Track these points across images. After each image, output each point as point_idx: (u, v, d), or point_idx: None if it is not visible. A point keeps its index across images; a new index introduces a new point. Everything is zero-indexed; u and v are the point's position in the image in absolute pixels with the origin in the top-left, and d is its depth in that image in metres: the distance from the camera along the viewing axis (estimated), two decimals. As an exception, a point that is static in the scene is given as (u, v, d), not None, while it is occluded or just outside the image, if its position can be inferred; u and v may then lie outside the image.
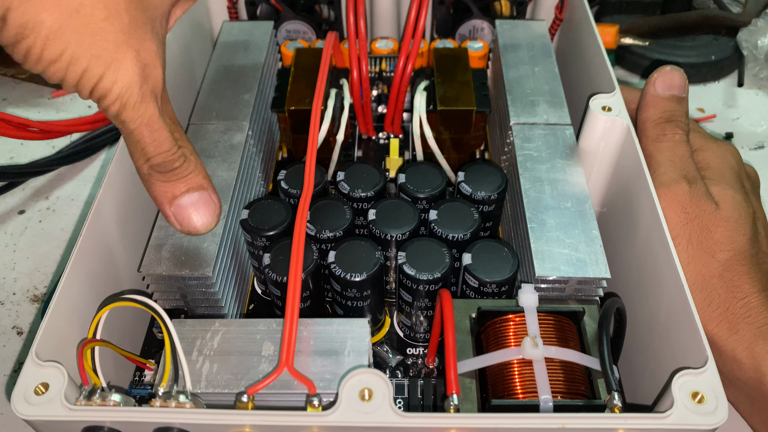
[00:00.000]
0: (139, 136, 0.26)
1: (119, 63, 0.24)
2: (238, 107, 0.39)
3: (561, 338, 0.29)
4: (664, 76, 0.37)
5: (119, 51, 0.24)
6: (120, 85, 0.25)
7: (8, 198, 0.50)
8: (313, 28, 0.50)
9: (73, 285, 0.30)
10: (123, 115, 0.25)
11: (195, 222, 0.28)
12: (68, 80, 0.24)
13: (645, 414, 0.25)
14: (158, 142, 0.26)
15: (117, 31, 0.24)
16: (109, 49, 0.24)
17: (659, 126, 0.36)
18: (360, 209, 0.36)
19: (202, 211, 0.28)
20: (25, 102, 0.58)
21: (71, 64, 0.24)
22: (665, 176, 0.34)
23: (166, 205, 0.28)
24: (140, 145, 0.26)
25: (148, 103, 0.25)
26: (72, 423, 0.25)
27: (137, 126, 0.26)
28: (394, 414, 0.24)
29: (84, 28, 0.23)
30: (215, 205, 0.29)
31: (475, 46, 0.47)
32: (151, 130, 0.26)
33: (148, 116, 0.26)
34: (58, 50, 0.23)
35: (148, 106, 0.25)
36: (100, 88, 0.24)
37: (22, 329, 0.42)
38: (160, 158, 0.27)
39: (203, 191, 0.28)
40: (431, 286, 0.31)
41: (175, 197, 0.28)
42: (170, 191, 0.28)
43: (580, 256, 0.31)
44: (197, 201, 0.28)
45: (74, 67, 0.24)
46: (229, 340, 0.29)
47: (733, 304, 0.31)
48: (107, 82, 0.24)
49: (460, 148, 0.43)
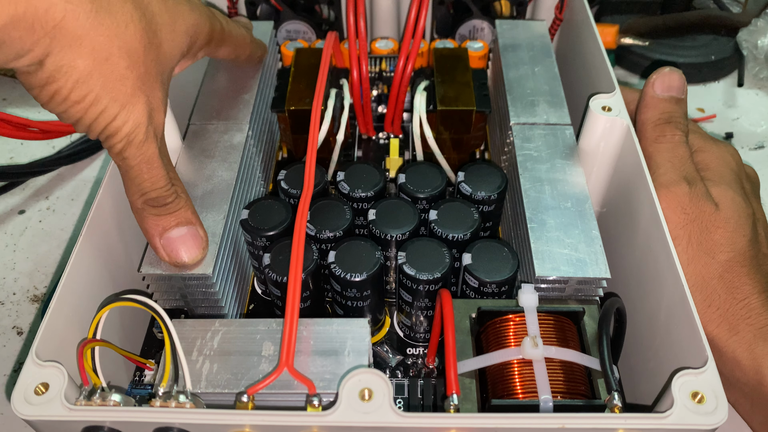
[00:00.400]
0: (137, 173, 0.28)
1: (132, 106, 0.27)
2: (238, 107, 0.39)
3: (561, 338, 0.29)
4: (663, 77, 0.38)
5: (134, 96, 0.27)
6: (129, 125, 0.27)
7: (8, 198, 0.50)
8: (313, 28, 0.50)
9: (73, 285, 0.30)
10: (126, 152, 0.28)
11: (182, 254, 0.30)
12: (84, 120, 0.27)
13: (645, 414, 0.25)
14: (155, 179, 0.29)
15: (135, 78, 0.27)
16: (127, 94, 0.27)
17: (658, 127, 0.36)
18: (360, 209, 0.36)
19: (190, 244, 0.30)
20: (25, 102, 0.58)
21: (92, 105, 0.26)
22: (665, 177, 0.34)
23: (156, 237, 0.30)
24: (137, 180, 0.29)
25: (150, 143, 0.28)
26: (72, 423, 0.25)
27: (137, 163, 0.28)
28: (394, 414, 0.24)
29: (110, 74, 0.26)
30: (202, 239, 0.31)
31: (475, 46, 0.47)
32: (149, 168, 0.28)
33: (149, 155, 0.28)
34: (83, 93, 0.26)
35: (150, 146, 0.28)
36: (112, 127, 0.27)
37: (22, 329, 0.42)
38: (155, 194, 0.29)
39: (191, 226, 0.30)
40: (431, 286, 0.31)
41: (165, 230, 0.30)
42: (161, 225, 0.30)
43: (580, 256, 0.31)
44: (185, 235, 0.30)
45: (94, 108, 0.26)
46: (229, 340, 0.29)
47: (733, 306, 0.31)
48: (119, 121, 0.27)
49: (460, 148, 0.43)
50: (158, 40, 0.28)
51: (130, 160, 0.28)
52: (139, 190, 0.29)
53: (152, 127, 0.28)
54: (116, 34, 0.26)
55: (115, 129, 0.27)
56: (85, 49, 0.25)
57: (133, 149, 0.28)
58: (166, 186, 0.29)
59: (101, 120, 0.27)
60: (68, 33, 0.24)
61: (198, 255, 0.30)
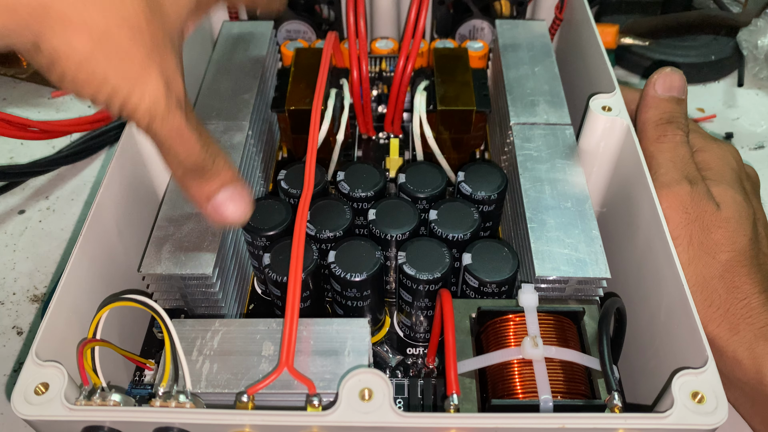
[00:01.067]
0: (170, 146, 0.27)
1: (144, 79, 0.26)
2: (238, 107, 0.39)
3: (561, 338, 0.29)
4: (665, 77, 0.37)
5: (144, 68, 0.26)
6: (148, 101, 0.26)
7: (8, 198, 0.50)
8: (313, 28, 0.50)
9: (73, 285, 0.30)
10: (153, 127, 0.27)
11: (231, 214, 0.29)
12: (98, 99, 0.26)
13: (645, 414, 0.25)
14: (189, 149, 0.28)
15: (141, 51, 0.26)
16: (135, 69, 0.26)
17: (660, 127, 0.36)
18: (360, 209, 0.36)
19: (237, 203, 0.29)
20: (25, 102, 0.58)
21: (102, 83, 0.25)
22: (666, 177, 0.34)
23: (204, 204, 0.29)
24: (172, 152, 0.28)
25: (174, 113, 0.27)
26: (72, 423, 0.25)
27: (167, 136, 0.27)
28: (394, 414, 0.24)
29: (113, 50, 0.25)
30: (247, 195, 0.30)
31: (475, 46, 0.47)
32: (181, 139, 0.27)
33: (176, 126, 0.27)
34: (89, 72, 0.25)
35: (175, 117, 0.27)
36: (130, 104, 0.26)
37: (22, 329, 0.42)
38: (192, 162, 0.28)
39: (235, 185, 0.29)
40: (431, 286, 0.31)
41: (210, 195, 0.29)
42: (205, 190, 0.29)
43: (580, 256, 0.31)
44: (231, 195, 0.29)
45: (104, 86, 0.25)
46: (229, 340, 0.29)
47: (733, 305, 0.31)
48: (135, 98, 0.26)
49: (460, 148, 0.43)
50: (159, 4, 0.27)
51: (159, 135, 0.27)
52: (176, 161, 0.28)
53: (173, 97, 0.27)
54: (110, 7, 0.25)
55: (133, 106, 0.26)
56: (79, 28, 0.24)
57: (158, 123, 0.27)
58: (201, 153, 0.28)
59: (116, 99, 0.26)
60: (56, 14, 0.23)
61: (247, 211, 0.30)
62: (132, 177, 0.36)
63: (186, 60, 0.43)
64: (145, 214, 0.37)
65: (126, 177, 0.35)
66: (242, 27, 0.46)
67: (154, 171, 0.38)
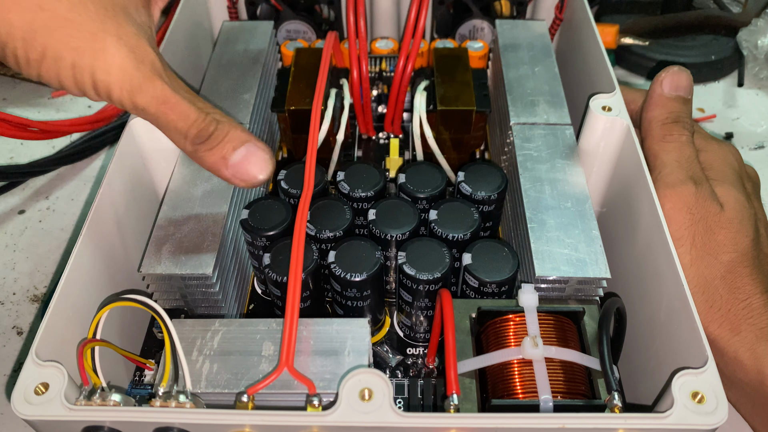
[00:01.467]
0: (163, 116, 0.27)
1: (102, 51, 0.25)
2: (238, 107, 0.39)
3: (561, 338, 0.29)
4: (672, 76, 0.37)
5: (97, 39, 0.25)
6: (116, 72, 0.25)
7: (8, 198, 0.50)
8: (313, 28, 0.50)
9: (73, 285, 0.30)
10: (137, 100, 0.26)
11: (253, 172, 0.28)
12: (64, 79, 0.25)
13: (645, 414, 0.25)
14: (184, 115, 0.27)
15: (87, 20, 0.25)
16: (86, 39, 0.25)
17: (666, 126, 0.36)
18: (360, 209, 0.36)
19: (255, 160, 0.28)
20: (25, 102, 0.58)
21: (57, 60, 0.24)
22: (671, 177, 0.34)
23: (222, 169, 0.28)
24: (170, 124, 0.27)
25: (153, 81, 0.26)
26: (72, 423, 0.25)
27: (156, 107, 0.26)
28: (394, 414, 0.24)
29: (52, 21, 0.24)
30: (265, 151, 0.29)
31: (475, 46, 0.47)
32: (170, 106, 0.27)
33: (161, 94, 0.26)
34: (38, 48, 0.24)
35: (156, 85, 0.26)
36: (99, 82, 0.25)
37: (22, 329, 0.42)
38: (194, 129, 0.27)
39: (248, 143, 0.29)
40: (431, 286, 0.31)
41: (225, 159, 0.28)
42: (219, 155, 0.28)
43: (580, 256, 0.31)
44: (247, 154, 0.28)
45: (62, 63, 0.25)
46: (229, 340, 0.29)
47: (735, 306, 0.31)
48: (101, 73, 0.25)
49: (460, 148, 0.43)
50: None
51: (147, 108, 0.26)
52: (178, 133, 0.27)
53: (146, 66, 0.26)
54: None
55: (104, 83, 0.25)
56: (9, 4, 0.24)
57: (139, 95, 0.26)
58: (200, 117, 0.27)
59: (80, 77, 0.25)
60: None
61: (269, 166, 0.29)
62: (132, 177, 0.36)
63: (186, 60, 0.44)
64: (145, 214, 0.37)
65: (126, 177, 0.35)
66: (242, 27, 0.46)
67: (154, 171, 0.38)
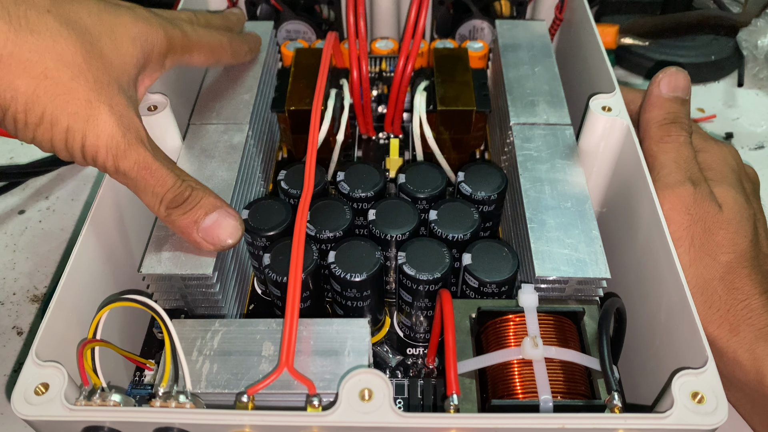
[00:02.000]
0: (142, 181, 0.28)
1: (96, 118, 0.27)
2: (238, 107, 0.39)
3: (561, 338, 0.29)
4: (670, 77, 0.37)
5: (92, 107, 0.27)
6: (104, 137, 0.27)
7: (8, 198, 0.50)
8: (313, 28, 0.50)
9: (73, 285, 0.30)
10: (120, 164, 0.28)
11: (222, 237, 0.30)
12: (56, 143, 0.27)
13: (645, 414, 0.25)
14: (162, 181, 0.29)
15: (85, 89, 0.27)
16: (83, 106, 0.27)
17: (664, 127, 0.36)
18: (360, 209, 0.36)
19: (225, 224, 0.30)
20: (25, 102, 0.58)
21: (53, 125, 0.26)
22: (669, 178, 0.34)
23: (193, 233, 0.30)
24: (148, 188, 0.29)
25: (137, 148, 0.28)
26: (72, 423, 0.25)
27: (137, 172, 0.28)
28: (394, 414, 0.24)
29: (55, 89, 0.26)
30: (234, 216, 0.30)
31: (475, 46, 0.47)
32: (150, 172, 0.28)
33: (142, 160, 0.28)
34: (38, 113, 0.26)
35: (139, 152, 0.28)
36: (88, 145, 0.27)
37: (22, 329, 0.42)
38: (170, 194, 0.29)
39: (219, 209, 0.30)
40: (431, 286, 0.31)
41: (196, 223, 0.30)
42: (191, 219, 0.30)
43: (580, 256, 0.31)
44: (217, 219, 0.30)
45: (57, 128, 0.27)
46: (229, 340, 0.29)
47: (734, 306, 0.31)
48: (91, 137, 0.27)
49: (460, 148, 0.43)
50: (99, 50, 0.28)
51: (128, 173, 0.28)
52: (154, 196, 0.29)
53: (131, 134, 0.28)
54: (45, 49, 0.26)
55: (93, 146, 0.27)
56: (17, 69, 0.26)
57: (123, 161, 0.28)
58: (176, 183, 0.29)
59: (74, 142, 0.27)
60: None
61: (237, 231, 0.30)
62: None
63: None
64: (145, 214, 0.37)
65: (126, 177, 0.35)
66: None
67: (154, 171, 0.38)
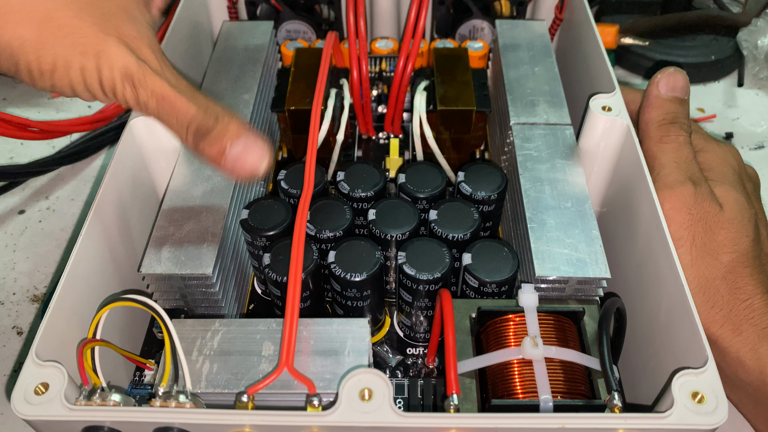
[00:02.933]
0: (163, 111, 0.28)
1: (106, 51, 0.26)
2: (238, 107, 0.39)
3: (561, 338, 0.29)
4: (668, 77, 0.37)
5: (99, 41, 0.26)
6: (118, 68, 0.26)
7: (8, 198, 0.50)
8: (313, 28, 0.50)
9: (73, 285, 0.30)
10: (140, 96, 0.27)
11: (250, 165, 0.29)
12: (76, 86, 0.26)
13: (645, 414, 0.25)
14: (184, 110, 0.28)
15: (90, 24, 0.26)
16: (92, 42, 0.26)
17: (663, 127, 0.36)
18: (360, 209, 0.36)
19: (252, 152, 0.29)
20: (25, 102, 0.58)
21: (68, 68, 0.26)
22: (670, 178, 0.34)
23: (220, 162, 0.29)
24: (171, 119, 0.28)
25: (152, 78, 0.27)
26: (72, 423, 0.25)
27: (156, 102, 0.27)
28: (394, 414, 0.24)
29: (60, 30, 0.26)
30: (261, 143, 0.29)
31: (475, 46, 0.47)
32: (170, 102, 0.28)
33: (160, 91, 0.27)
34: (50, 59, 0.26)
35: (155, 81, 0.27)
36: (105, 81, 0.26)
37: (22, 329, 0.42)
38: (194, 124, 0.28)
39: (245, 137, 0.29)
40: (431, 286, 0.31)
41: (223, 153, 0.29)
42: (217, 149, 0.29)
43: (580, 256, 0.31)
44: (244, 147, 0.29)
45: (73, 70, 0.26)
46: (229, 340, 0.29)
47: (736, 306, 0.31)
48: (106, 71, 0.26)
49: (460, 148, 0.43)
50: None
51: (148, 104, 0.27)
52: (179, 126, 0.28)
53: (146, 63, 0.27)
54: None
55: (110, 81, 0.26)
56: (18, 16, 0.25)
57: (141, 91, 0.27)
58: (198, 113, 0.28)
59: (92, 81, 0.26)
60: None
61: (265, 158, 0.29)
62: (132, 177, 0.36)
63: (186, 60, 0.44)
64: (145, 214, 0.37)
65: (126, 177, 0.35)
66: (242, 27, 0.46)
67: (154, 171, 0.38)
